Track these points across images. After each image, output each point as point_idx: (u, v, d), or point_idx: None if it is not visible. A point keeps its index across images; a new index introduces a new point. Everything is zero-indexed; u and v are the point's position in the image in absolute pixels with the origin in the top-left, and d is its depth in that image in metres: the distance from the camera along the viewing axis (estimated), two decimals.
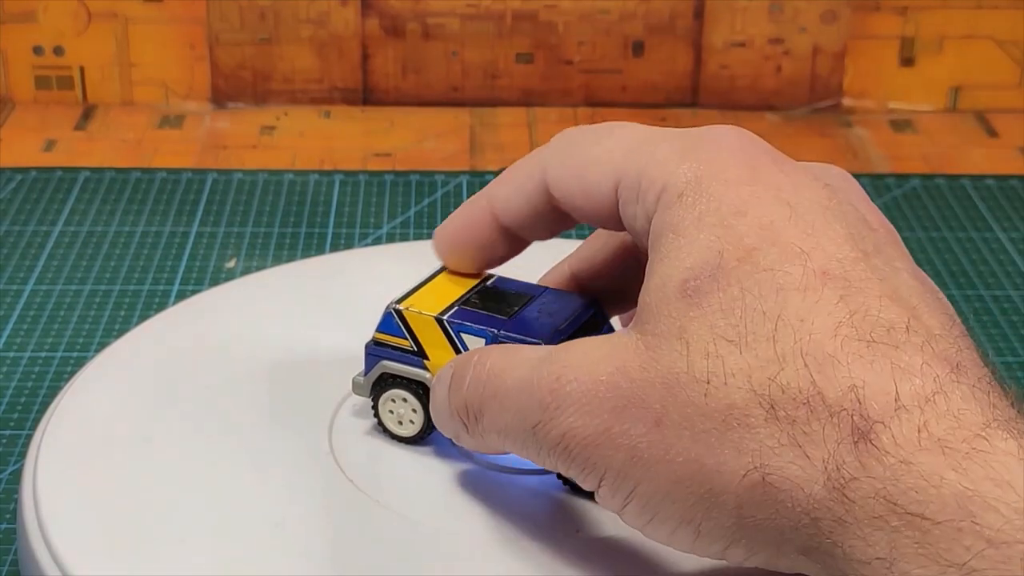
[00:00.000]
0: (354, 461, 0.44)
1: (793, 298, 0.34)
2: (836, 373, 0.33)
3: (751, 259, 0.35)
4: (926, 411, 0.32)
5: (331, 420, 0.46)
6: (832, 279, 0.34)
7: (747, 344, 0.34)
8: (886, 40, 0.82)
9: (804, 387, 0.33)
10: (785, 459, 0.33)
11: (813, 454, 0.32)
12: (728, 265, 0.35)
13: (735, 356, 0.34)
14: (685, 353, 0.34)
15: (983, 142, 0.80)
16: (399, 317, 0.44)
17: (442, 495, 0.43)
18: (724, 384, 0.34)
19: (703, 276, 0.35)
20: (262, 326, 0.51)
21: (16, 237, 0.67)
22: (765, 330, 0.34)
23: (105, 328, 0.60)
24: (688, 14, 0.81)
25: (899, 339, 0.33)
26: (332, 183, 0.73)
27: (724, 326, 0.34)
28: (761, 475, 0.33)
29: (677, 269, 0.36)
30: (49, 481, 0.43)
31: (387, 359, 0.44)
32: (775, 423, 0.33)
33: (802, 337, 0.33)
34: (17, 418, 0.54)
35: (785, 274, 0.34)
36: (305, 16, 0.81)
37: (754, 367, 0.33)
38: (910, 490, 0.31)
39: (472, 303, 0.43)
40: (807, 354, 0.33)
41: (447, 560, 0.40)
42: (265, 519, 0.42)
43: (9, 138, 0.78)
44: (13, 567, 0.46)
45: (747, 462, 0.33)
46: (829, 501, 0.32)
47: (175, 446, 0.45)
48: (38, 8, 0.80)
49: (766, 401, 0.33)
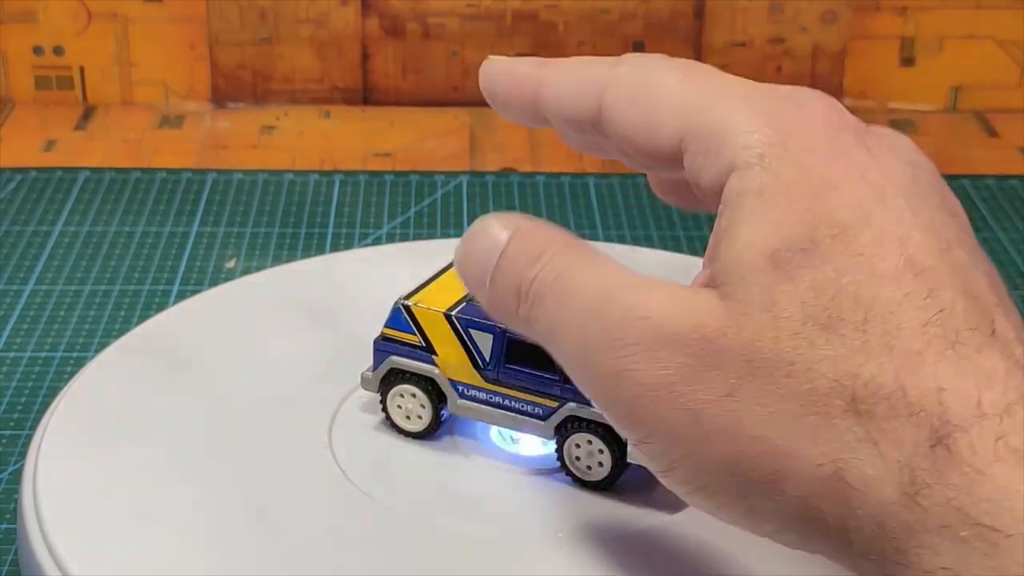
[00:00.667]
0: (354, 461, 0.44)
1: (886, 288, 0.33)
2: (921, 372, 0.32)
3: (845, 238, 0.34)
4: (1005, 421, 0.31)
5: (331, 420, 0.46)
6: (924, 272, 0.33)
7: (836, 330, 0.32)
8: (886, 40, 0.82)
9: (888, 383, 0.32)
10: (861, 455, 0.32)
11: (889, 454, 0.31)
12: (823, 241, 0.33)
13: (823, 340, 0.32)
14: (773, 328, 0.33)
15: (983, 142, 0.80)
16: (407, 313, 0.44)
17: (442, 495, 0.43)
18: (809, 368, 0.32)
19: (796, 248, 0.33)
20: (262, 326, 0.51)
21: (16, 237, 0.67)
22: (856, 318, 0.32)
23: (105, 328, 0.60)
24: (688, 14, 0.81)
25: (983, 342, 0.32)
26: (332, 183, 0.73)
27: (816, 307, 0.33)
28: (834, 468, 0.32)
29: (767, 236, 0.34)
30: (49, 481, 0.43)
31: (395, 354, 0.44)
32: (854, 416, 0.32)
33: (891, 330, 0.32)
34: (17, 418, 0.54)
35: (880, 260, 0.33)
36: (305, 16, 0.81)
37: (841, 355, 0.32)
38: (983, 501, 0.30)
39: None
40: (894, 349, 0.32)
41: (448, 560, 0.40)
42: (265, 519, 0.42)
43: (9, 138, 0.78)
44: (13, 567, 0.46)
45: (822, 452, 0.32)
46: (899, 506, 0.31)
47: (175, 446, 0.45)
48: (38, 8, 0.80)
49: (848, 392, 0.32)
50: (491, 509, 0.42)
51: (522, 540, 0.41)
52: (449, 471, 0.44)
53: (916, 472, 0.31)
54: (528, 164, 0.76)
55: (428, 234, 0.68)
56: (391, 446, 0.45)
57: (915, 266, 0.33)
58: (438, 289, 0.44)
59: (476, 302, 0.43)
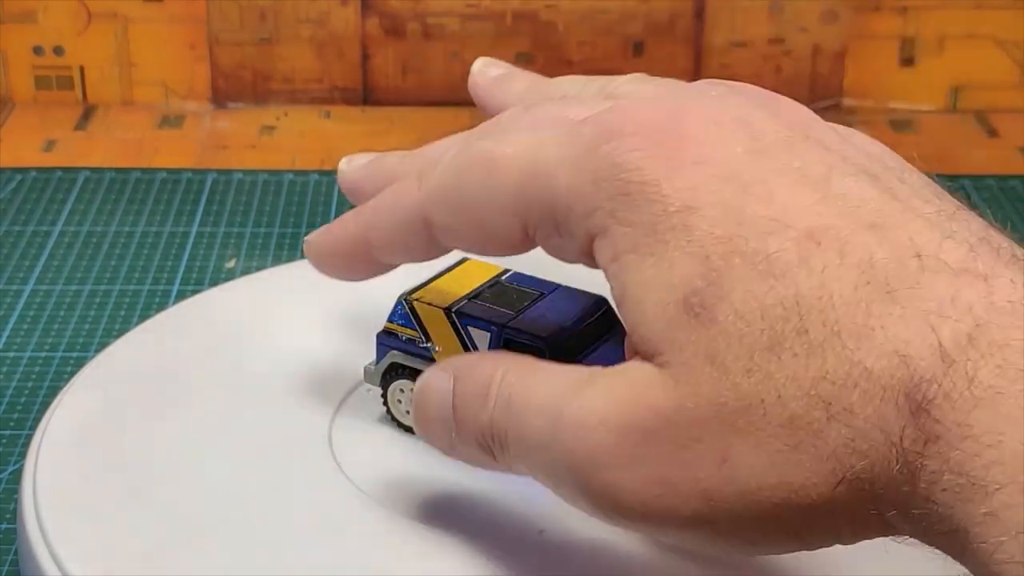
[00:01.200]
0: (354, 461, 0.44)
1: (800, 276, 0.31)
2: (874, 341, 0.30)
3: (737, 250, 0.32)
4: (971, 353, 0.29)
5: (331, 420, 0.46)
6: (822, 236, 0.32)
7: (782, 345, 0.31)
8: (886, 40, 0.82)
9: (849, 370, 0.30)
10: (859, 452, 0.30)
11: (878, 439, 0.30)
12: (719, 267, 0.32)
13: (776, 363, 0.31)
14: (725, 377, 0.31)
15: (983, 142, 0.80)
16: (409, 307, 0.44)
17: (443, 494, 0.43)
18: (779, 398, 0.31)
19: (701, 289, 0.32)
20: (262, 326, 0.51)
21: (16, 237, 0.67)
22: (792, 324, 0.31)
23: (105, 328, 0.60)
24: (688, 14, 0.81)
25: (914, 272, 0.31)
26: (332, 183, 0.73)
27: (752, 335, 0.31)
28: (844, 476, 0.31)
29: (668, 290, 0.33)
30: (49, 481, 0.43)
31: (396, 349, 0.45)
32: (836, 419, 0.30)
33: (828, 315, 0.31)
34: (17, 418, 0.54)
35: (778, 254, 0.32)
36: (305, 16, 0.81)
37: (798, 368, 0.31)
38: (973, 456, 0.29)
39: (483, 297, 0.44)
40: (840, 332, 0.30)
41: (448, 559, 0.40)
42: (265, 519, 0.42)
43: (9, 138, 0.78)
44: (13, 567, 0.46)
45: (830, 469, 0.31)
46: (906, 485, 0.30)
47: (175, 446, 0.45)
48: (38, 8, 0.80)
49: (821, 399, 0.31)
50: (492, 509, 0.42)
51: (522, 540, 0.41)
52: (450, 470, 0.44)
53: (909, 447, 0.30)
54: None
55: None
56: (391, 445, 0.45)
57: (812, 236, 0.32)
58: (443, 285, 0.45)
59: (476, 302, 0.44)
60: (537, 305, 0.43)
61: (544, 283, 0.45)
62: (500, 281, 0.45)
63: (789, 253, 0.32)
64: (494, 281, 0.45)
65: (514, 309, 0.43)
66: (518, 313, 0.43)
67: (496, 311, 0.43)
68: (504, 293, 0.44)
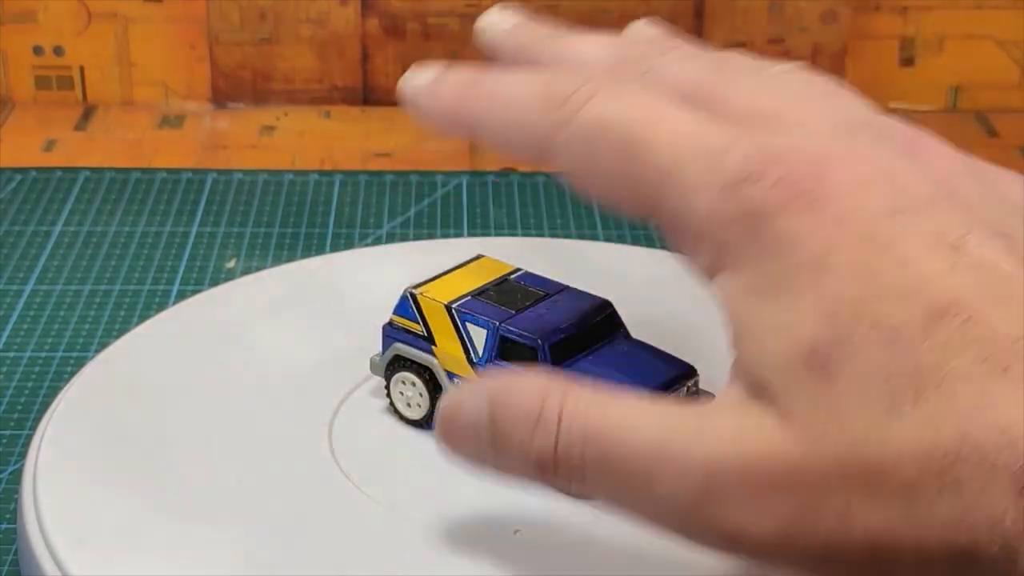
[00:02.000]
0: (354, 461, 0.44)
1: (923, 348, 0.32)
2: (985, 419, 0.31)
3: (866, 313, 0.32)
4: None
5: (331, 420, 0.46)
6: (949, 308, 0.32)
7: (900, 412, 0.31)
8: (886, 40, 0.82)
9: (961, 446, 0.31)
10: (964, 528, 0.31)
11: (982, 517, 0.30)
12: (846, 328, 0.32)
13: (894, 429, 0.31)
14: (845, 435, 0.32)
15: (983, 142, 0.80)
16: (413, 301, 0.44)
17: (443, 494, 0.43)
18: (895, 463, 0.31)
19: (826, 345, 0.32)
20: (262, 326, 0.51)
21: (16, 237, 0.67)
22: (910, 394, 0.31)
23: (105, 328, 0.60)
24: (688, 14, 0.81)
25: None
26: (332, 183, 0.73)
27: (872, 398, 0.32)
28: (949, 548, 0.31)
29: (793, 340, 0.33)
30: (49, 481, 0.43)
31: (400, 342, 0.45)
32: (946, 492, 0.31)
33: (945, 389, 0.31)
34: (17, 418, 0.54)
35: (904, 323, 0.32)
36: (305, 16, 0.81)
37: (914, 436, 0.31)
38: None
39: (487, 295, 0.44)
40: (955, 407, 0.31)
41: (448, 559, 0.40)
42: (265, 519, 0.42)
43: (9, 138, 0.78)
44: (13, 567, 0.46)
45: (938, 537, 0.31)
46: (1006, 564, 0.30)
47: (175, 446, 0.45)
48: (38, 8, 0.80)
49: (934, 471, 0.31)
50: (492, 509, 0.42)
51: (522, 539, 0.41)
52: (450, 469, 0.44)
53: (1010, 531, 0.30)
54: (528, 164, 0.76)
55: (428, 234, 0.68)
56: (391, 445, 0.45)
57: (939, 307, 0.32)
58: (451, 281, 0.45)
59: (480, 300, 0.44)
60: (539, 305, 0.44)
61: (552, 284, 0.45)
62: (509, 280, 0.45)
63: (915, 323, 0.32)
64: (503, 279, 0.45)
65: (515, 308, 0.43)
66: (518, 312, 0.43)
67: (496, 309, 0.43)
68: (509, 292, 0.44)
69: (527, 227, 0.69)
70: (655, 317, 0.48)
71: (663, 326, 0.47)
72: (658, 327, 0.47)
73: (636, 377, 0.42)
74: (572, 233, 0.68)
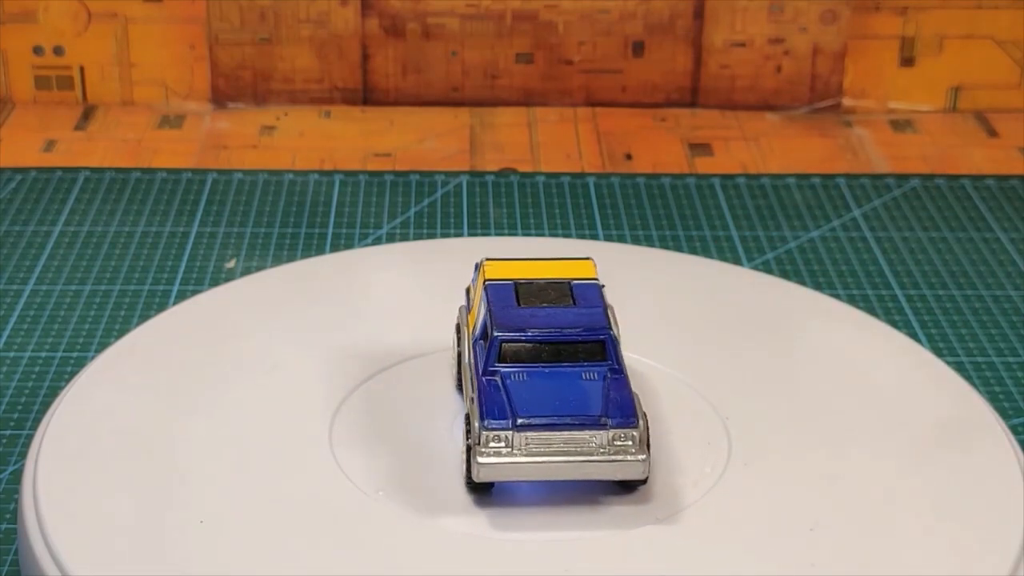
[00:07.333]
0: (354, 461, 0.44)
1: None
2: None
3: None
4: None
5: (331, 420, 0.46)
6: None
7: None
8: (886, 40, 0.82)
9: None
10: None
11: None
12: None
13: None
14: None
15: (983, 142, 0.80)
16: (476, 268, 0.46)
17: (444, 494, 0.43)
18: None
19: None
20: (262, 326, 0.51)
21: (16, 237, 0.67)
22: None
23: (105, 328, 0.60)
24: (688, 14, 0.81)
25: None
26: (332, 183, 0.73)
27: None
28: None
29: None
30: (49, 481, 0.43)
31: (468, 304, 0.47)
32: None
33: None
34: (17, 418, 0.54)
35: None
36: (305, 16, 0.81)
37: None
38: None
39: (524, 287, 0.45)
40: None
41: (448, 559, 0.40)
42: (265, 519, 0.42)
43: (9, 138, 0.78)
44: (13, 567, 0.46)
45: None
46: None
47: (175, 446, 0.45)
48: (38, 8, 0.80)
49: None
50: (493, 509, 0.42)
51: (521, 539, 0.41)
52: (451, 469, 0.44)
53: None
54: (528, 164, 0.76)
55: (428, 234, 0.68)
56: (392, 447, 0.45)
57: None
58: (521, 267, 0.46)
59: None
60: (546, 308, 0.44)
61: (596, 298, 0.45)
62: (566, 283, 0.45)
63: None
64: (561, 281, 0.45)
65: (529, 303, 0.44)
66: (520, 306, 0.44)
67: (508, 299, 0.44)
68: (546, 288, 0.45)
69: (527, 227, 0.69)
70: None
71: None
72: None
73: (530, 407, 0.41)
74: (572, 233, 0.68)
